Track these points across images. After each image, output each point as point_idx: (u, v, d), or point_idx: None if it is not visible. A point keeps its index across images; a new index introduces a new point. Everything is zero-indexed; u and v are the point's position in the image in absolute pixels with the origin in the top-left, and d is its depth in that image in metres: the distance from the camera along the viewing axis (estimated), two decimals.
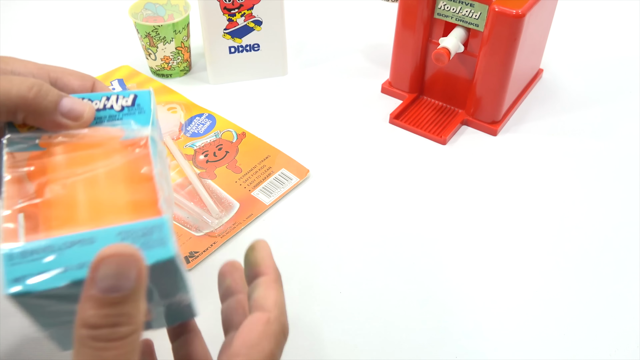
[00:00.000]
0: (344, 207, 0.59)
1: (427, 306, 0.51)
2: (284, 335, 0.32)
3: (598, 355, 0.47)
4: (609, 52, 0.83)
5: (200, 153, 0.65)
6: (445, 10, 0.64)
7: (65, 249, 0.28)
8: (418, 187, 0.62)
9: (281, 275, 0.35)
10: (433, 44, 0.68)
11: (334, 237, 0.56)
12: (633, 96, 0.75)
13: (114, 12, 0.90)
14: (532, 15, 0.61)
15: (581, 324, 0.49)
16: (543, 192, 0.61)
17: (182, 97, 0.73)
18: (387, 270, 0.53)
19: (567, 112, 0.72)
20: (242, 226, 0.57)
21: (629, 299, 0.51)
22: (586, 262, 0.55)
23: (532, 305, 0.51)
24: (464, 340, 0.48)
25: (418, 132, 0.68)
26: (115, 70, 0.77)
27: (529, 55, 0.68)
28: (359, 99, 0.74)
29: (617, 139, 0.68)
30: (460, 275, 0.53)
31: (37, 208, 0.30)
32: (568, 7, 0.91)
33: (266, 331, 0.31)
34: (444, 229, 0.57)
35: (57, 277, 0.27)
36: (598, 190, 0.62)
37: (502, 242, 0.56)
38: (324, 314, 0.50)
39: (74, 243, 0.28)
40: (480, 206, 0.60)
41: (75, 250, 0.28)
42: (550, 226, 0.58)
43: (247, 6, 0.70)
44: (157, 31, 0.71)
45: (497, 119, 0.68)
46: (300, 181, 0.62)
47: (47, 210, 0.30)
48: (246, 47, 0.73)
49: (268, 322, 0.31)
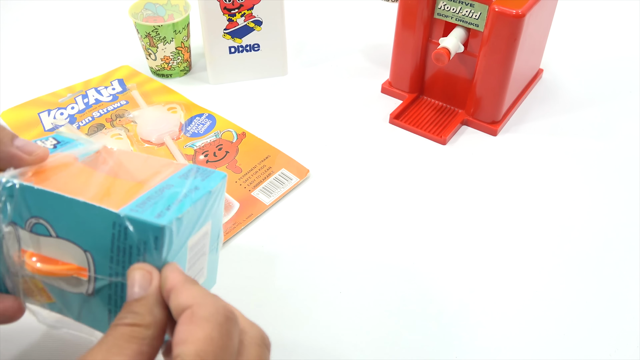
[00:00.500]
0: (344, 207, 0.59)
1: (427, 306, 0.51)
2: (219, 315, 0.30)
3: (598, 355, 0.47)
4: (609, 52, 0.83)
5: (200, 153, 0.65)
6: (445, 10, 0.64)
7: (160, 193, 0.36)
8: (418, 187, 0.62)
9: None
10: (433, 44, 0.68)
11: (334, 237, 0.56)
12: (633, 96, 0.75)
13: (114, 12, 0.90)
14: (532, 15, 0.61)
15: (581, 324, 0.49)
16: (543, 192, 0.61)
17: (182, 97, 0.73)
18: (387, 270, 0.53)
19: (567, 112, 0.72)
20: (242, 226, 0.57)
21: (629, 299, 0.51)
22: (586, 262, 0.55)
23: (532, 305, 0.51)
24: (464, 340, 0.48)
25: (418, 132, 0.68)
26: (115, 70, 0.77)
27: (529, 55, 0.68)
28: (359, 99, 0.74)
29: (617, 139, 0.68)
30: (460, 275, 0.53)
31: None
32: (568, 7, 0.91)
33: (193, 320, 0.30)
34: (444, 229, 0.57)
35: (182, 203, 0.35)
36: (598, 190, 0.62)
37: (502, 242, 0.56)
38: (324, 314, 0.50)
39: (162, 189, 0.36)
40: (480, 206, 0.60)
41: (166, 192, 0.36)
42: (550, 226, 0.58)
43: (247, 6, 0.70)
44: (157, 31, 0.71)
45: (497, 119, 0.68)
46: (300, 181, 0.62)
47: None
48: (246, 47, 0.73)
49: (192, 314, 0.30)
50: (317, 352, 0.47)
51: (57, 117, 0.69)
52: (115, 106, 0.71)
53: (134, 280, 0.32)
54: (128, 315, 0.31)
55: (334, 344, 0.48)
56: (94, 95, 0.73)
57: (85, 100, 0.72)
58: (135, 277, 0.33)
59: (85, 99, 0.72)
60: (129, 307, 0.32)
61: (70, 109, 0.70)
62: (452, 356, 0.47)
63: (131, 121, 0.68)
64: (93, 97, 0.72)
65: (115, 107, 0.71)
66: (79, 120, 0.69)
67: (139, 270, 0.33)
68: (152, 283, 0.32)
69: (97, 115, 0.69)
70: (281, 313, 0.50)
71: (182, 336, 0.29)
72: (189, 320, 0.30)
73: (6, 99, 0.72)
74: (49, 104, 0.71)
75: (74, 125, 0.67)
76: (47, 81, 0.75)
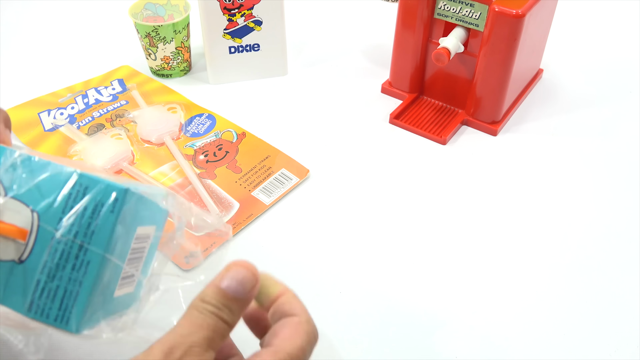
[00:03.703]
0: (344, 207, 0.59)
1: (427, 306, 0.51)
2: (315, 336, 0.35)
3: (598, 355, 0.47)
4: (609, 52, 0.83)
5: (200, 153, 0.65)
6: (445, 10, 0.64)
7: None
8: (418, 187, 0.62)
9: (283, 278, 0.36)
10: (433, 44, 0.68)
11: (334, 237, 0.56)
12: (633, 96, 0.75)
13: (114, 12, 0.90)
14: (532, 15, 0.61)
15: (581, 324, 0.49)
16: (543, 192, 0.61)
17: (182, 97, 0.73)
18: (387, 270, 0.53)
19: (567, 112, 0.72)
20: (242, 226, 0.57)
21: (629, 299, 0.51)
22: (586, 262, 0.55)
23: (532, 305, 0.51)
24: (464, 340, 0.48)
25: (418, 132, 0.68)
26: (115, 70, 0.77)
27: (529, 55, 0.68)
28: (359, 99, 0.74)
29: (617, 139, 0.68)
30: (460, 275, 0.53)
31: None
32: (568, 7, 0.91)
33: (298, 329, 0.34)
34: (444, 229, 0.57)
35: (137, 188, 0.35)
36: (598, 190, 0.62)
37: (502, 242, 0.56)
38: (324, 314, 0.50)
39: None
40: (480, 206, 0.60)
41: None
42: (550, 226, 0.58)
43: (247, 6, 0.70)
44: (157, 31, 0.71)
45: (497, 119, 0.68)
46: (300, 181, 0.62)
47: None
48: (246, 47, 0.73)
49: (300, 322, 0.34)
50: (317, 352, 0.47)
51: (57, 117, 0.69)
52: (115, 106, 0.71)
53: (243, 277, 0.33)
54: (225, 310, 0.33)
55: (334, 343, 0.48)
56: (94, 95, 0.73)
57: (85, 100, 0.72)
58: (244, 275, 0.34)
59: (85, 99, 0.72)
60: (228, 302, 0.33)
61: (70, 109, 0.70)
62: (452, 356, 0.47)
63: (131, 121, 0.68)
64: (93, 97, 0.72)
65: (115, 107, 0.71)
66: (79, 120, 0.69)
67: (244, 270, 0.34)
68: (255, 288, 0.34)
69: (97, 115, 0.69)
70: None
71: (284, 333, 0.33)
72: (294, 325, 0.34)
73: (6, 99, 0.72)
74: (49, 104, 0.71)
75: (74, 125, 0.67)
76: (47, 81, 0.75)
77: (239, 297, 0.33)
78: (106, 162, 0.62)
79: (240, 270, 0.34)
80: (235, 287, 0.33)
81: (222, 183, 0.61)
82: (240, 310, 0.34)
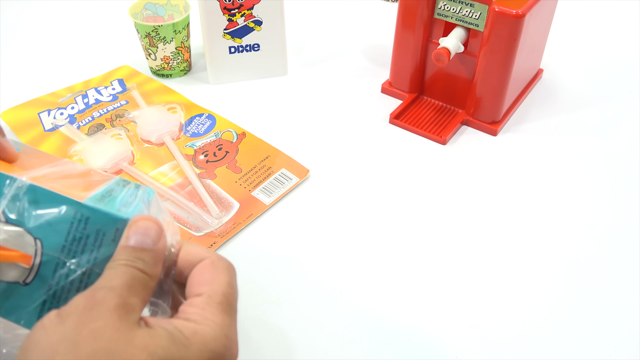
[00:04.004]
0: (344, 207, 0.59)
1: (427, 306, 0.51)
2: (232, 267, 0.35)
3: (598, 355, 0.47)
4: (609, 52, 0.83)
5: (200, 153, 0.65)
6: (445, 10, 0.64)
7: (110, 193, 0.36)
8: (418, 187, 0.62)
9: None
10: (433, 44, 0.68)
11: (334, 237, 0.56)
12: (633, 96, 0.75)
13: (114, 12, 0.90)
14: (532, 15, 0.61)
15: (581, 324, 0.49)
16: (543, 192, 0.61)
17: (182, 97, 0.73)
18: (387, 270, 0.53)
19: (567, 112, 0.72)
20: (242, 226, 0.57)
21: (629, 299, 0.51)
22: (586, 262, 0.55)
23: (532, 305, 0.51)
24: (464, 340, 0.48)
25: (418, 132, 0.68)
26: (115, 70, 0.77)
27: (529, 55, 0.68)
28: (359, 99, 0.74)
29: (617, 139, 0.68)
30: (460, 275, 0.53)
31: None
32: (568, 7, 0.91)
33: (216, 267, 0.34)
34: (444, 229, 0.57)
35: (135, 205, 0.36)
36: (598, 190, 0.62)
37: (502, 242, 0.56)
38: (324, 314, 0.50)
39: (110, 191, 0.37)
40: (480, 206, 0.60)
41: (115, 194, 0.37)
42: (550, 226, 0.58)
43: (247, 6, 0.70)
44: (157, 31, 0.71)
45: (497, 119, 0.68)
46: (300, 181, 0.62)
47: None
48: (246, 47, 0.73)
49: (212, 261, 0.34)
50: (318, 352, 0.47)
51: (57, 117, 0.69)
52: (115, 106, 0.71)
53: (145, 229, 0.33)
54: (138, 261, 0.32)
55: (334, 343, 0.48)
56: (94, 95, 0.73)
57: (85, 100, 0.72)
58: (146, 227, 0.33)
59: (85, 99, 0.72)
60: (138, 254, 0.32)
61: (70, 109, 0.70)
62: (452, 356, 0.47)
63: (131, 121, 0.68)
64: (93, 97, 0.72)
65: (115, 107, 0.71)
66: (79, 120, 0.69)
67: (150, 222, 0.33)
68: (161, 238, 0.34)
69: (97, 115, 0.69)
70: (281, 313, 0.50)
71: (206, 278, 0.33)
72: (210, 267, 0.34)
73: (6, 99, 0.72)
74: (49, 104, 0.71)
75: (74, 125, 0.67)
76: (47, 81, 0.75)
77: (146, 247, 0.33)
78: (106, 162, 0.62)
79: (142, 222, 0.33)
80: (140, 239, 0.33)
81: (222, 183, 0.61)
82: (154, 260, 0.33)
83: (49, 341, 0.29)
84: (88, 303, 0.30)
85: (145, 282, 0.32)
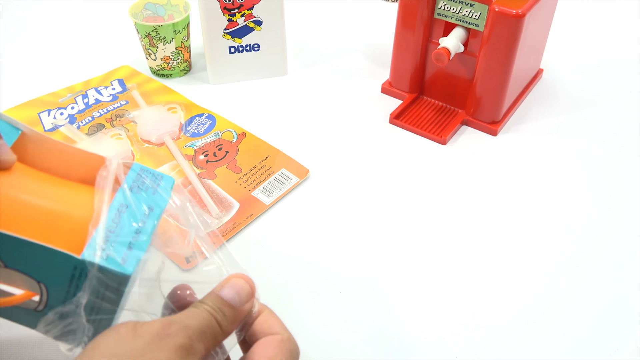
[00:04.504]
0: (344, 207, 0.59)
1: (427, 306, 0.51)
2: (297, 353, 0.36)
3: (598, 355, 0.47)
4: (609, 52, 0.83)
5: (200, 153, 0.65)
6: (445, 10, 0.64)
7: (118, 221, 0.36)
8: (418, 187, 0.62)
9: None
10: (433, 44, 0.68)
11: (334, 237, 0.56)
12: (633, 96, 0.75)
13: (114, 12, 0.90)
14: (532, 15, 0.61)
15: (581, 324, 0.49)
16: (543, 192, 0.61)
17: (182, 97, 0.73)
18: (387, 270, 0.53)
19: (567, 112, 0.72)
20: (242, 226, 0.57)
21: (629, 299, 0.51)
22: (586, 262, 0.55)
23: (532, 305, 0.51)
24: (464, 339, 0.48)
25: (418, 132, 0.68)
26: (115, 70, 0.77)
27: (529, 55, 0.68)
28: (359, 99, 0.74)
29: (617, 139, 0.68)
30: (460, 275, 0.53)
31: None
32: (568, 7, 0.91)
33: (281, 348, 0.35)
34: (444, 229, 0.57)
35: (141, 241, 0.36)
36: (598, 190, 0.62)
37: (502, 242, 0.56)
38: (324, 314, 0.50)
39: (118, 214, 0.36)
40: (480, 206, 0.60)
41: (124, 219, 0.36)
42: (550, 226, 0.58)
43: (247, 6, 0.70)
44: (157, 31, 0.71)
45: (497, 119, 0.69)
46: (300, 181, 0.62)
47: None
48: (246, 47, 0.73)
49: (282, 340, 0.35)
50: (317, 352, 0.47)
51: (57, 117, 0.69)
52: (115, 106, 0.71)
53: (240, 288, 0.36)
54: (220, 313, 0.35)
55: (334, 343, 0.48)
56: (94, 95, 0.73)
57: (85, 100, 0.72)
58: (241, 287, 0.36)
59: (85, 99, 0.72)
60: (223, 307, 0.35)
61: (70, 109, 0.70)
62: (452, 356, 0.47)
63: (131, 121, 0.68)
64: (93, 97, 0.72)
65: (115, 107, 0.71)
66: (79, 120, 0.69)
67: (246, 284, 0.36)
68: (249, 301, 0.36)
69: (97, 115, 0.69)
70: (281, 313, 0.50)
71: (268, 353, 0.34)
72: (276, 344, 0.35)
73: (6, 99, 0.72)
74: (49, 104, 0.71)
75: (74, 125, 0.67)
76: (47, 81, 0.75)
77: (234, 305, 0.35)
78: None
79: (239, 281, 0.36)
80: (231, 295, 0.35)
81: (222, 183, 0.61)
82: (234, 318, 0.35)
83: (117, 349, 0.31)
84: (160, 332, 0.32)
85: (216, 334, 0.34)
